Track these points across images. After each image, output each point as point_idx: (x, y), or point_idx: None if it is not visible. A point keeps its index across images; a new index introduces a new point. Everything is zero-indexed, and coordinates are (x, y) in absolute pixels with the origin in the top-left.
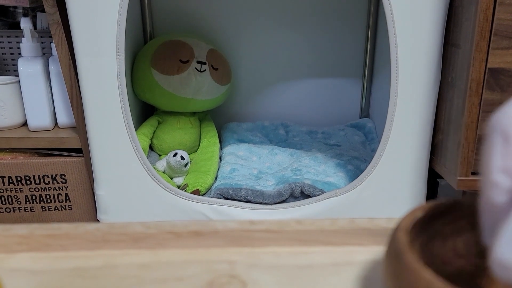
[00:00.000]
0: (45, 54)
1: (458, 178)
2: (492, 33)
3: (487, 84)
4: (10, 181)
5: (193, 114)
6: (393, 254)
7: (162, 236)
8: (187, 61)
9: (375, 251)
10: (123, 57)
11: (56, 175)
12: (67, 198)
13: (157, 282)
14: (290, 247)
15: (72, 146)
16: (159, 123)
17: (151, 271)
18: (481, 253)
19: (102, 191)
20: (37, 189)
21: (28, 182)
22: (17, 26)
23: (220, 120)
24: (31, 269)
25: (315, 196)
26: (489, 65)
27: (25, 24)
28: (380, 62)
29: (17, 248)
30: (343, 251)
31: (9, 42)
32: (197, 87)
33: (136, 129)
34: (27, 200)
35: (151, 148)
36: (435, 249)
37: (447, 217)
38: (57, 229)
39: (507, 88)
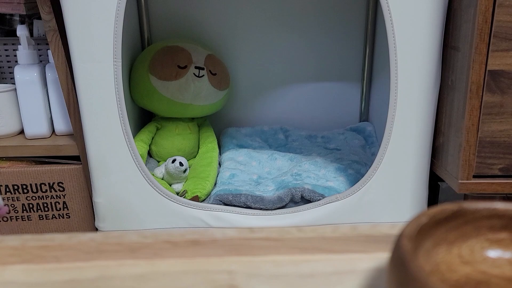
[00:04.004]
0: (42, 61)
1: (460, 181)
2: (492, 35)
3: (487, 87)
4: (7, 189)
5: (192, 119)
6: (397, 262)
7: (159, 245)
8: (185, 67)
9: (379, 258)
10: (120, 63)
11: (53, 183)
12: (65, 206)
13: None
14: (291, 256)
15: (70, 154)
16: (157, 129)
17: (148, 282)
18: (487, 259)
19: (100, 199)
20: (34, 198)
21: (25, 191)
22: (13, 33)
23: (219, 125)
24: (24, 281)
25: (315, 201)
26: (489, 68)
27: (21, 31)
28: (379, 65)
29: (9, 260)
30: (345, 259)
31: (5, 50)
32: (196, 93)
33: (134, 136)
34: (24, 209)
35: (149, 154)
36: (440, 255)
37: (451, 222)
38: (50, 240)
39: (507, 90)
